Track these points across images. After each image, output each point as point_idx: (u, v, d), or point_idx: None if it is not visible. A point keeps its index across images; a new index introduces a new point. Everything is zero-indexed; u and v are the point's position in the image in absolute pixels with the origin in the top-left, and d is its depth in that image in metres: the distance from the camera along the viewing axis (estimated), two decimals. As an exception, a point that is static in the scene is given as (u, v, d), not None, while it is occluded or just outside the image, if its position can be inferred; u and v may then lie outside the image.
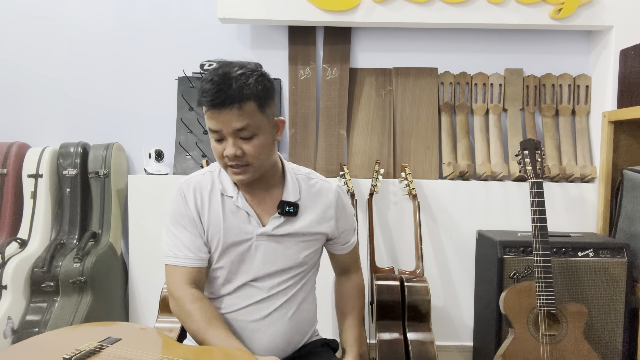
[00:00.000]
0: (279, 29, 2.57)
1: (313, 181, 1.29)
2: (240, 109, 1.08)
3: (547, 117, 2.52)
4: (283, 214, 1.21)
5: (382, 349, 1.92)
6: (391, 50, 2.57)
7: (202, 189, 1.23)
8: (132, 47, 2.58)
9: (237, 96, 1.07)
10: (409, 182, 2.26)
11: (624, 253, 2.00)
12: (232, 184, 1.23)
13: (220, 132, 1.11)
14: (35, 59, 2.59)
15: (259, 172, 1.18)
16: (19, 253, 2.30)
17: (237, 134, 1.10)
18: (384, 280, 2.06)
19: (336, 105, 2.52)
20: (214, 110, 1.09)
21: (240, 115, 1.08)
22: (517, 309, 1.83)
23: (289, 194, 1.23)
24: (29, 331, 2.16)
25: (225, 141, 1.12)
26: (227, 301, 1.23)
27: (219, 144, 1.13)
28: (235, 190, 1.22)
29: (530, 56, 2.56)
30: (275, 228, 1.21)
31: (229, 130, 1.10)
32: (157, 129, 2.59)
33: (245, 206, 1.21)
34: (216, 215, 1.21)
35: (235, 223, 1.20)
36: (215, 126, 1.10)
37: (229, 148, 1.11)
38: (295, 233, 1.23)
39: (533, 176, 1.84)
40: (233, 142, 1.11)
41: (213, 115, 1.09)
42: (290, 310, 1.23)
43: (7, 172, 2.46)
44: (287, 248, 1.23)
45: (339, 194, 1.30)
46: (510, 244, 2.05)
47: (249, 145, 1.12)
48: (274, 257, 1.22)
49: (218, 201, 1.21)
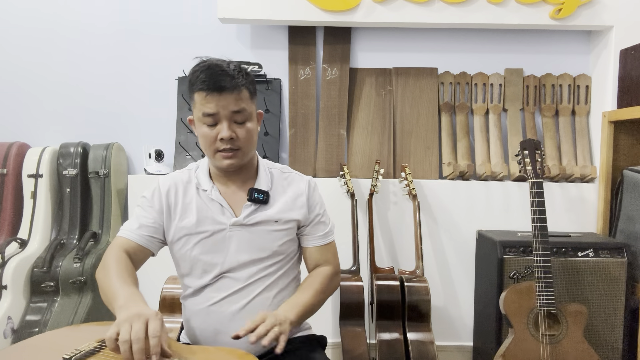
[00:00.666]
0: (279, 29, 2.57)
1: (285, 174, 1.37)
2: (238, 93, 1.18)
3: (547, 117, 2.52)
4: (252, 200, 1.26)
5: (382, 349, 1.92)
6: (391, 50, 2.57)
7: (177, 184, 1.30)
8: (132, 47, 2.58)
9: (235, 82, 1.17)
10: (409, 182, 2.26)
11: (624, 253, 2.00)
12: (207, 178, 1.29)
13: (216, 116, 1.18)
14: (36, 59, 2.59)
15: (245, 159, 1.26)
16: (19, 253, 2.30)
17: (233, 117, 1.19)
18: (384, 280, 2.06)
19: (336, 105, 2.52)
20: (213, 94, 1.16)
21: (237, 100, 1.18)
22: (517, 309, 1.83)
23: (261, 183, 1.30)
24: (29, 331, 2.16)
25: (219, 125, 1.19)
26: (206, 294, 1.25)
27: (211, 130, 1.20)
28: (210, 183, 1.28)
29: (530, 56, 2.56)
30: (246, 217, 1.25)
31: (226, 113, 1.18)
32: (157, 129, 2.59)
33: (218, 198, 1.27)
34: (190, 207, 1.27)
35: (209, 214, 1.26)
36: (213, 109, 1.17)
37: (224, 131, 1.18)
38: (266, 220, 1.27)
39: (533, 176, 1.84)
40: (228, 125, 1.19)
41: (212, 99, 1.17)
42: (268, 300, 1.25)
43: (7, 172, 2.46)
44: (260, 237, 1.26)
45: (309, 184, 1.36)
46: (510, 244, 2.05)
47: (242, 130, 1.21)
48: (248, 246, 1.25)
49: (193, 194, 1.28)
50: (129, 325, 0.95)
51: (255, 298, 1.24)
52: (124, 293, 1.07)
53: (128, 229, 1.27)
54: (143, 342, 0.93)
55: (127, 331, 0.93)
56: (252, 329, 1.06)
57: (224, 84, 1.16)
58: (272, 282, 1.27)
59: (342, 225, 2.30)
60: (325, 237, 1.37)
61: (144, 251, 1.27)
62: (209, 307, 1.24)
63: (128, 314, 0.97)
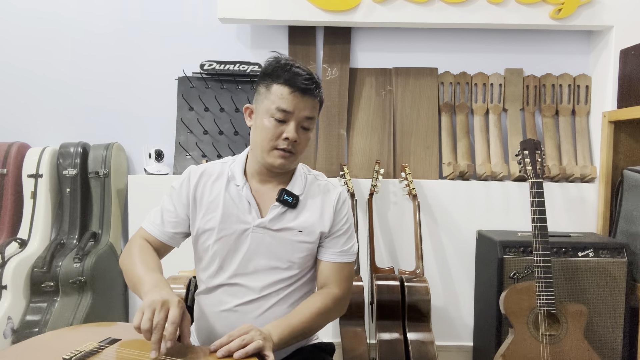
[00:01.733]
0: (279, 29, 2.57)
1: (319, 182, 1.32)
2: (315, 101, 1.21)
3: (547, 117, 2.52)
4: (281, 201, 1.23)
5: (382, 349, 1.92)
6: (391, 50, 2.57)
7: (208, 175, 1.27)
8: (132, 47, 2.58)
9: (317, 90, 1.21)
10: (409, 182, 2.26)
11: (624, 253, 2.00)
12: (241, 174, 1.26)
13: (290, 114, 1.18)
14: (36, 59, 2.59)
15: (295, 164, 1.27)
16: (19, 253, 2.30)
17: (303, 122, 1.20)
18: (384, 280, 2.06)
19: (336, 105, 2.52)
20: (297, 94, 1.17)
21: (314, 107, 1.21)
22: (517, 309, 1.83)
23: (294, 186, 1.26)
24: (29, 331, 2.16)
25: (287, 124, 1.18)
26: (219, 296, 1.24)
27: (279, 125, 1.18)
28: (243, 180, 1.25)
29: (530, 56, 2.56)
30: (272, 219, 1.22)
31: (301, 115, 1.19)
32: (157, 129, 2.59)
33: (248, 196, 1.24)
34: (217, 202, 1.24)
35: (235, 211, 1.23)
36: (289, 107, 1.17)
37: (291, 132, 1.17)
38: (291, 228, 1.23)
39: (533, 176, 1.84)
40: (296, 128, 1.18)
41: (294, 97, 1.17)
42: (281, 313, 1.22)
43: (7, 172, 2.46)
44: (281, 245, 1.23)
45: (339, 197, 1.30)
46: (510, 244, 2.05)
47: (304, 136, 1.22)
48: (268, 252, 1.23)
49: (222, 189, 1.25)
50: (151, 313, 0.97)
51: (268, 310, 1.21)
52: (149, 279, 1.09)
53: (152, 222, 1.27)
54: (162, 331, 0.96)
55: (148, 319, 0.96)
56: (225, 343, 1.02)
57: (310, 88, 1.18)
58: (286, 295, 1.24)
59: (342, 225, 2.29)
60: (343, 254, 1.27)
61: (166, 247, 1.28)
62: (221, 312, 1.22)
63: (152, 299, 0.99)
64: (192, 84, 2.53)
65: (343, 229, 1.29)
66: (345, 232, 1.29)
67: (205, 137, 2.49)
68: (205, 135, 2.49)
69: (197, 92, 2.52)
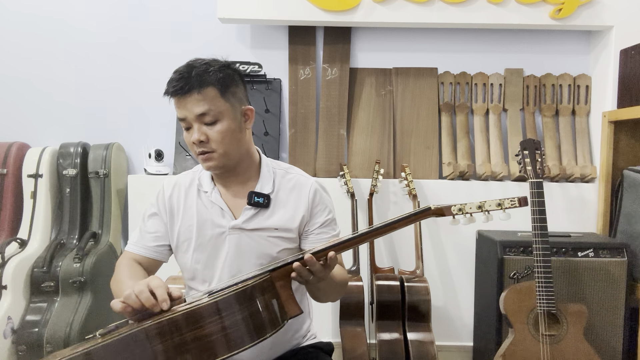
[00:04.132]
0: (279, 29, 2.56)
1: (290, 175, 1.28)
2: (199, 93, 1.14)
3: (547, 117, 2.52)
4: (252, 204, 1.21)
5: (382, 349, 1.92)
6: (391, 50, 2.57)
7: (180, 186, 1.29)
8: (132, 47, 2.58)
9: (196, 82, 1.13)
10: (409, 182, 2.26)
11: (624, 253, 2.00)
12: (209, 180, 1.26)
13: (186, 120, 1.16)
14: (35, 60, 2.59)
15: (227, 159, 1.19)
16: (19, 253, 2.30)
17: (201, 120, 1.15)
18: (384, 280, 2.06)
19: (336, 105, 2.52)
20: (178, 98, 1.16)
21: (200, 100, 1.14)
22: (517, 309, 1.83)
23: (262, 185, 1.25)
24: (29, 331, 2.16)
25: (191, 129, 1.17)
26: None
27: (189, 133, 1.18)
28: (211, 185, 1.25)
29: (530, 56, 2.56)
30: (245, 221, 1.22)
31: (192, 116, 1.15)
32: (157, 129, 2.59)
33: (218, 201, 1.24)
34: (191, 211, 1.25)
35: (209, 217, 1.23)
36: (181, 113, 1.17)
37: (194, 134, 1.15)
38: (266, 228, 1.22)
39: (533, 176, 1.84)
40: (197, 128, 1.15)
41: (179, 103, 1.16)
42: None
43: (7, 172, 2.46)
44: (259, 244, 1.22)
45: (316, 190, 1.27)
46: (510, 244, 2.05)
47: (212, 131, 1.15)
48: (247, 252, 1.22)
49: (194, 197, 1.26)
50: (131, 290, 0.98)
51: None
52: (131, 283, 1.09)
53: (133, 242, 1.28)
54: (148, 293, 0.97)
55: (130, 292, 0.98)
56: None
57: (183, 85, 1.13)
58: None
59: (342, 225, 2.27)
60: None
61: (153, 263, 1.27)
62: None
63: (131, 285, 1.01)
64: (192, 84, 2.52)
65: (329, 217, 1.28)
66: (331, 220, 1.29)
67: (205, 137, 2.49)
68: (205, 135, 2.49)
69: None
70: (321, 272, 1.05)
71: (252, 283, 0.97)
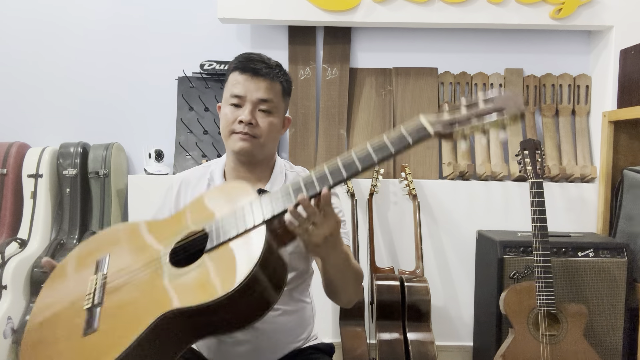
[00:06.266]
0: (279, 29, 2.56)
1: None
2: (271, 82, 1.19)
3: (547, 117, 2.52)
4: None
5: (382, 349, 1.92)
6: (391, 50, 2.57)
7: (189, 181, 1.28)
8: (132, 47, 2.58)
9: (272, 72, 1.19)
10: (409, 182, 2.26)
11: (624, 253, 2.00)
12: (220, 175, 1.26)
13: (243, 98, 1.17)
14: (36, 60, 2.58)
15: (261, 150, 1.20)
16: (19, 253, 2.30)
17: (258, 105, 1.18)
18: (384, 280, 2.06)
19: (336, 105, 2.52)
20: (246, 75, 1.17)
21: (268, 89, 1.18)
22: (517, 309, 1.83)
23: (274, 185, 1.24)
24: (29, 331, 2.16)
25: (242, 108, 1.17)
26: None
27: (235, 109, 1.18)
28: (222, 180, 1.25)
29: (530, 56, 2.56)
30: None
31: (253, 98, 1.17)
32: (157, 129, 2.59)
33: None
34: None
35: None
36: (241, 91, 1.17)
37: (245, 114, 1.16)
38: None
39: (533, 176, 1.85)
40: (251, 110, 1.17)
41: (244, 79, 1.17)
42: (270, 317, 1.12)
43: (7, 172, 2.46)
44: None
45: None
46: (510, 244, 2.05)
47: (263, 120, 1.18)
48: None
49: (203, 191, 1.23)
50: None
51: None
52: None
53: None
54: None
55: None
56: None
57: (259, 68, 1.17)
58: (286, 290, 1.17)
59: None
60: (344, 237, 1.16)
61: None
62: None
63: None
64: (192, 84, 2.52)
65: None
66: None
67: (205, 137, 2.49)
68: (205, 135, 2.49)
69: (197, 92, 2.52)
70: (316, 216, 0.97)
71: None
